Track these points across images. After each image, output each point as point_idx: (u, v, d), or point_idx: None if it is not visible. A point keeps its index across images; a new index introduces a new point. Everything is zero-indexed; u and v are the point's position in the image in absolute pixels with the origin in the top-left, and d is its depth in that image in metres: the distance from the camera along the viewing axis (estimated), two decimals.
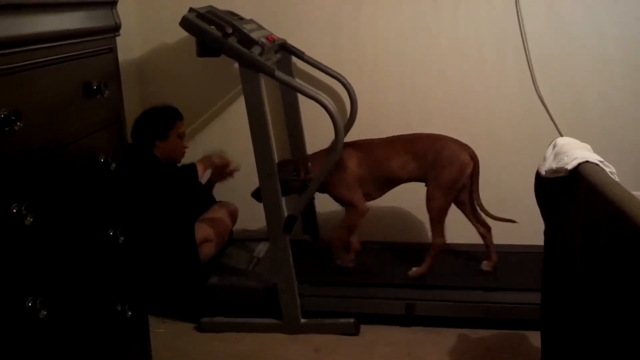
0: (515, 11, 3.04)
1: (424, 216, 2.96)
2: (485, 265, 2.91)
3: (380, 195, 2.92)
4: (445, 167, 2.76)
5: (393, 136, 2.91)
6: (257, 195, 2.75)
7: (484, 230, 2.93)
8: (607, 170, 1.67)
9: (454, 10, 3.09)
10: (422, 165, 2.80)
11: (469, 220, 2.92)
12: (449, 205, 2.81)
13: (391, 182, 2.88)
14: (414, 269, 2.85)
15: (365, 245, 3.16)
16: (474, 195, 2.87)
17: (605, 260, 1.47)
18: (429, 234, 2.90)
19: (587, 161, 1.70)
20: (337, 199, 2.88)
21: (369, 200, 2.90)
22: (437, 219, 2.80)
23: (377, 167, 2.82)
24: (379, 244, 3.19)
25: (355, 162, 2.81)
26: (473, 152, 2.82)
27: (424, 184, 2.84)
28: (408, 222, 3.33)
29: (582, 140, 1.91)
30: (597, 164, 1.68)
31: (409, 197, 3.18)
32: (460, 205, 2.89)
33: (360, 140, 2.90)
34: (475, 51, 3.13)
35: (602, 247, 1.49)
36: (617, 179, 1.63)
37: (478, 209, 2.89)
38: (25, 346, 1.35)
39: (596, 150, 1.81)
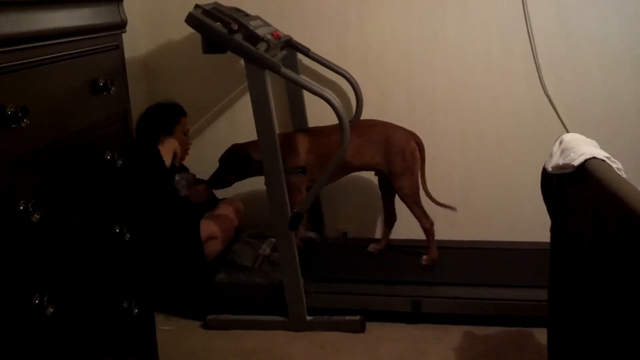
0: (522, 8, 3.02)
1: (431, 213, 2.96)
2: (372, 248, 3.07)
3: (331, 182, 2.96)
4: (397, 156, 2.86)
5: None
6: (211, 182, 2.98)
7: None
8: (614, 166, 1.67)
9: (460, 6, 3.08)
10: (373, 154, 2.88)
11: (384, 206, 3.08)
12: (418, 187, 2.91)
13: (342, 168, 2.90)
14: (425, 256, 2.91)
15: (371, 242, 3.16)
16: (421, 180, 2.94)
17: (613, 257, 1.46)
18: (437, 230, 2.91)
19: (594, 157, 1.69)
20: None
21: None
22: (414, 204, 2.90)
23: (329, 152, 2.82)
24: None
25: (305, 148, 2.87)
26: (418, 138, 2.92)
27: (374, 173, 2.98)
28: (413, 219, 3.32)
29: (589, 136, 1.90)
30: (603, 160, 1.68)
31: None
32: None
33: (315, 127, 2.94)
34: (481, 47, 3.12)
35: (609, 244, 1.48)
36: (624, 175, 1.62)
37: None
38: (33, 343, 1.35)
39: (602, 146, 1.81)
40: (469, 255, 2.98)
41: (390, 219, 3.08)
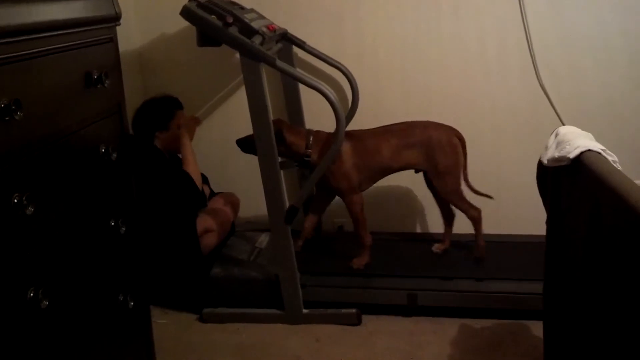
0: (518, 2, 3.02)
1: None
2: (436, 248, 3.00)
3: (370, 186, 2.92)
4: (440, 154, 2.81)
5: (384, 126, 2.91)
6: (242, 143, 2.81)
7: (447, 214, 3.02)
8: (610, 158, 1.66)
9: (455, 0, 3.07)
10: (413, 154, 2.83)
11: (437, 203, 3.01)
12: (460, 182, 2.87)
13: (382, 171, 2.89)
14: (476, 251, 2.91)
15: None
16: (463, 173, 2.92)
17: (608, 249, 1.46)
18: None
19: (589, 150, 1.69)
20: (334, 189, 2.87)
21: (360, 191, 2.92)
22: (458, 198, 2.87)
23: (370, 156, 2.82)
24: (381, 234, 3.19)
25: (350, 152, 2.81)
26: (459, 133, 2.88)
27: (414, 171, 2.92)
28: (410, 211, 3.32)
29: (584, 129, 1.90)
30: (599, 153, 1.68)
31: (412, 187, 3.20)
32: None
33: (354, 130, 2.89)
34: (477, 41, 3.11)
35: (604, 236, 1.48)
36: (619, 167, 1.62)
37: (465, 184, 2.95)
38: (27, 336, 1.35)
39: (598, 139, 1.80)
40: (465, 248, 2.98)
41: (448, 216, 3.01)
